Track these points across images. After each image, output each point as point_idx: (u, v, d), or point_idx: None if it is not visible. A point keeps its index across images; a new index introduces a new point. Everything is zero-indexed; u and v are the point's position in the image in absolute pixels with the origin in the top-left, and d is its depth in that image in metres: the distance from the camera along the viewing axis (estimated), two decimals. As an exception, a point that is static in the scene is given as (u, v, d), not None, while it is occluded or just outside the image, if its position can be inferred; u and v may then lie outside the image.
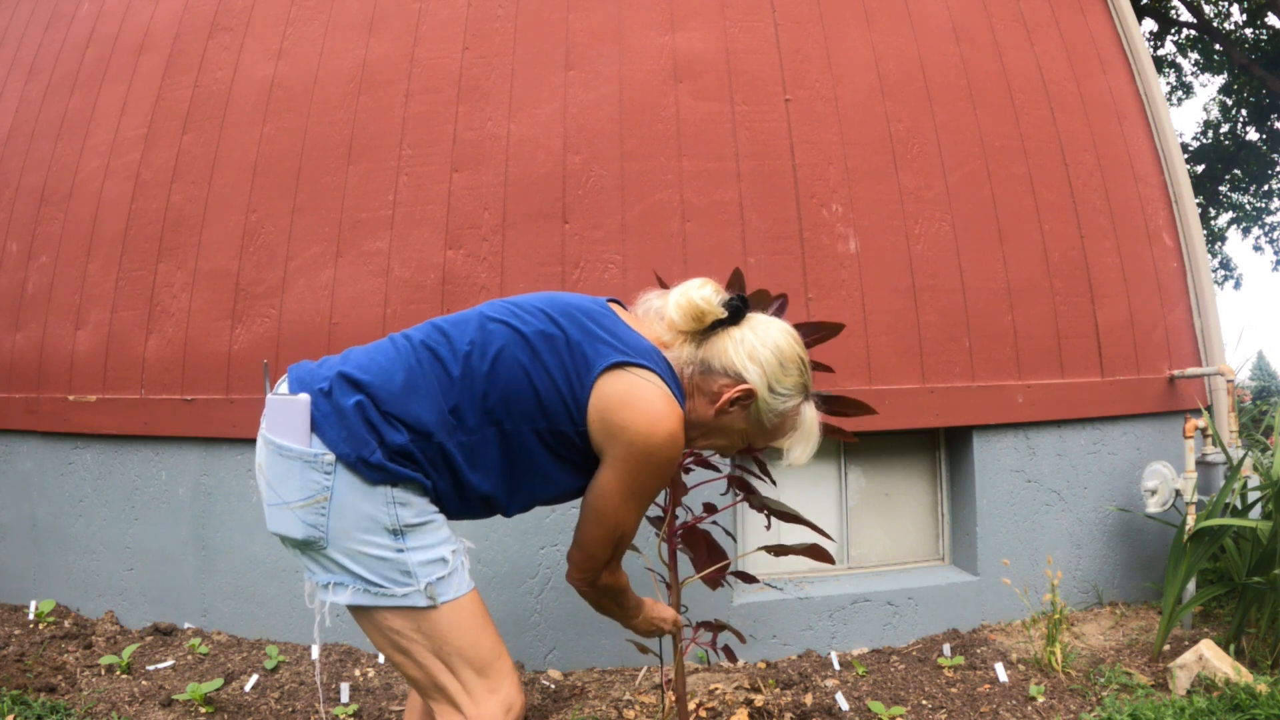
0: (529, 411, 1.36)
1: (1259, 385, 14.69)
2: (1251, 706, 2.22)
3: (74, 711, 2.37)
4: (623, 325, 1.43)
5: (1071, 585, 3.14)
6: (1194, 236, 3.57)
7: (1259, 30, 13.55)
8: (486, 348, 1.37)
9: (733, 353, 1.41)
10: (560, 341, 1.37)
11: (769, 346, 1.42)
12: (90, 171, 3.44)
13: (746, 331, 1.43)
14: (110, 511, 3.10)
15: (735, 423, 1.45)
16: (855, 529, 3.13)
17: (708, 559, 1.96)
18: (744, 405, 1.43)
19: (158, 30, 3.51)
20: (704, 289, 1.42)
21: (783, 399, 1.43)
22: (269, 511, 1.35)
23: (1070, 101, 3.44)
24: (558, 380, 1.36)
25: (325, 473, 1.30)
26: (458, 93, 3.06)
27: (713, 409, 1.43)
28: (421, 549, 1.32)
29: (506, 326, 1.39)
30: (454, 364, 1.36)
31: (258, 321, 3.01)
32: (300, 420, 1.31)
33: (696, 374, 1.43)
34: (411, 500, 1.33)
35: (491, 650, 1.37)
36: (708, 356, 1.42)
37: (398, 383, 1.34)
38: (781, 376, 1.42)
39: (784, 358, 1.43)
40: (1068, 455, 3.15)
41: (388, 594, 1.31)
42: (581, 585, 1.50)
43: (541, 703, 2.49)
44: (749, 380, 1.40)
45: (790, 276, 2.94)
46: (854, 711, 2.40)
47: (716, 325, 1.43)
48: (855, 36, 3.22)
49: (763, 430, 1.47)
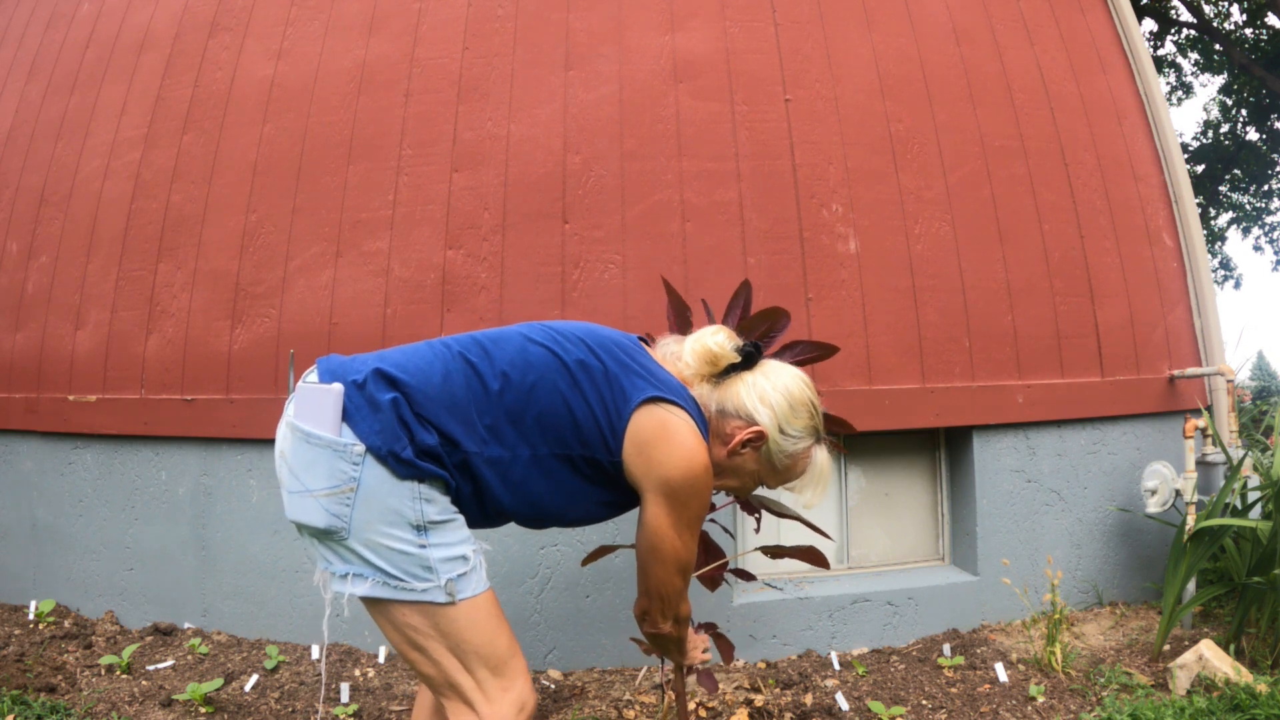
0: (565, 438, 1.40)
1: (1259, 385, 14.69)
2: (1251, 706, 2.22)
3: (74, 711, 2.37)
4: (654, 362, 1.49)
5: (1071, 585, 3.14)
6: (1194, 236, 3.57)
7: (1259, 30, 13.55)
8: (528, 370, 1.40)
9: (744, 396, 1.47)
10: (599, 372, 1.41)
11: (779, 390, 1.48)
12: (90, 171, 3.44)
13: (758, 376, 1.50)
14: (110, 511, 3.10)
15: (747, 464, 1.51)
16: (855, 529, 3.13)
17: (705, 559, 1.96)
18: (755, 447, 1.48)
19: (158, 30, 3.51)
20: (717, 335, 1.50)
21: (793, 440, 1.49)
22: (289, 499, 1.36)
23: (1070, 101, 3.44)
24: (595, 410, 1.39)
25: (354, 463, 1.30)
26: (458, 93, 3.06)
27: (725, 450, 1.49)
28: (443, 545, 1.34)
29: (548, 352, 1.42)
30: (493, 379, 1.39)
31: (258, 321, 3.01)
32: (332, 409, 1.32)
33: (712, 415, 1.49)
34: (436, 497, 1.34)
35: (507, 649, 1.40)
36: (721, 399, 1.48)
37: (435, 386, 1.36)
38: (792, 419, 1.48)
39: (794, 401, 1.48)
40: (1068, 455, 3.15)
41: (407, 588, 1.32)
42: (664, 627, 1.53)
43: (541, 703, 2.49)
44: (760, 422, 1.46)
45: (790, 276, 2.94)
46: (854, 711, 2.40)
47: (730, 369, 1.50)
48: (855, 36, 3.22)
49: (774, 471, 1.52)
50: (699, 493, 1.40)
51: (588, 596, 2.76)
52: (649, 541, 1.43)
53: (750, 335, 1.80)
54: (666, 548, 1.42)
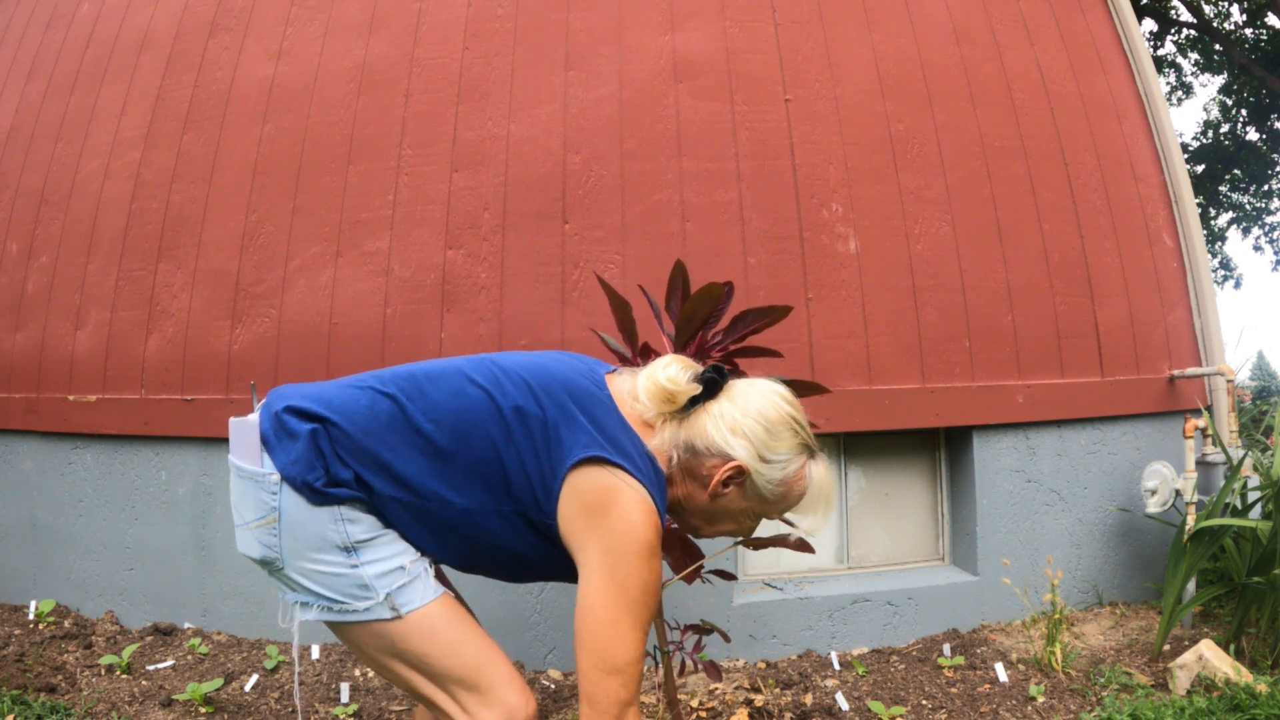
0: (496, 491, 1.28)
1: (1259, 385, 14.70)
2: (1251, 706, 2.22)
3: (74, 711, 2.37)
4: (610, 413, 1.31)
5: (1071, 585, 3.14)
6: (1194, 236, 3.57)
7: (1259, 30, 13.55)
8: (461, 415, 1.29)
9: (713, 430, 1.30)
10: (537, 421, 1.27)
11: (751, 415, 1.31)
12: (90, 171, 3.44)
13: (725, 404, 1.32)
14: (110, 511, 3.10)
15: (735, 503, 1.35)
16: (855, 529, 3.13)
17: (683, 559, 1.94)
18: (739, 483, 1.32)
19: (158, 30, 3.51)
20: (669, 368, 1.32)
21: (779, 466, 1.32)
22: (236, 534, 1.34)
23: (1070, 101, 3.44)
24: (528, 465, 1.27)
25: (272, 493, 1.27)
26: (458, 93, 3.06)
27: (707, 494, 1.32)
28: (376, 561, 1.27)
29: (485, 395, 1.30)
30: (424, 422, 1.29)
31: (258, 321, 3.01)
32: (252, 440, 1.29)
33: (683, 457, 1.32)
34: (359, 516, 1.28)
35: (476, 657, 1.30)
36: (690, 436, 1.31)
37: (358, 424, 1.29)
38: (772, 444, 1.31)
39: (770, 424, 1.31)
40: (1068, 455, 3.15)
41: (349, 609, 1.27)
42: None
43: (541, 703, 2.49)
44: (736, 457, 1.29)
45: (790, 276, 2.94)
46: (854, 711, 2.40)
47: (694, 402, 1.32)
48: (855, 36, 3.22)
49: (767, 503, 1.36)
50: (641, 573, 1.20)
51: (588, 596, 2.76)
52: (577, 628, 1.23)
53: (695, 320, 1.77)
54: (596, 636, 1.21)
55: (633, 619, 1.21)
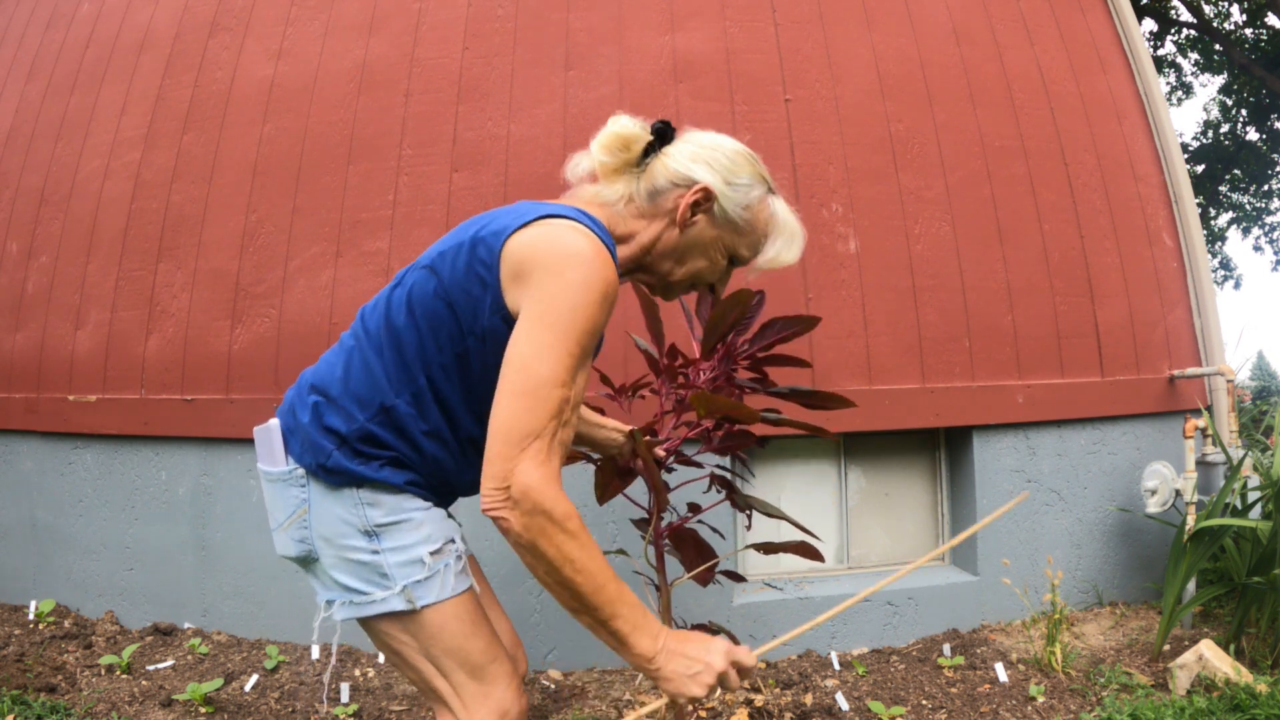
0: (452, 331, 1.25)
1: (1259, 385, 14.71)
2: (1251, 706, 2.22)
3: (74, 711, 2.37)
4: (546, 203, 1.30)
5: (1071, 585, 3.14)
6: (1194, 236, 3.57)
7: (1259, 30, 13.56)
8: (396, 296, 1.30)
9: (674, 164, 1.31)
10: (465, 246, 1.24)
11: (708, 145, 1.33)
12: (90, 171, 3.44)
13: (679, 144, 1.34)
14: (110, 511, 3.10)
15: (705, 232, 1.34)
16: (855, 529, 3.13)
17: (696, 559, 1.95)
18: (706, 210, 1.32)
19: (158, 30, 3.52)
20: (620, 119, 1.32)
21: (744, 189, 1.32)
22: (274, 538, 1.38)
23: (1070, 101, 3.44)
24: (462, 278, 1.22)
25: (300, 486, 1.30)
26: (458, 93, 3.06)
27: (676, 227, 1.32)
28: (397, 550, 1.28)
29: (409, 271, 1.32)
30: (378, 328, 1.31)
31: (258, 321, 3.01)
32: (276, 443, 1.33)
33: (645, 203, 1.32)
34: (380, 499, 1.28)
35: (483, 654, 1.32)
36: (651, 179, 1.32)
37: (339, 370, 1.32)
38: (733, 169, 1.32)
39: (728, 152, 1.33)
40: (1068, 455, 3.15)
41: (369, 600, 1.28)
42: (498, 505, 1.10)
43: (541, 703, 2.49)
44: (700, 179, 1.30)
45: (790, 276, 2.94)
46: (854, 711, 2.40)
47: (649, 152, 1.33)
48: (855, 36, 3.22)
49: (737, 230, 1.35)
50: (575, 293, 1.12)
51: (588, 596, 2.76)
52: (505, 363, 1.13)
53: (722, 325, 1.77)
54: (511, 361, 1.12)
55: (558, 335, 1.11)
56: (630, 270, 1.39)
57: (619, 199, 1.33)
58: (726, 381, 1.84)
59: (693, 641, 1.16)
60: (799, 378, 2.82)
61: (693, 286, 1.43)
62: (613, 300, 1.18)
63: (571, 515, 1.10)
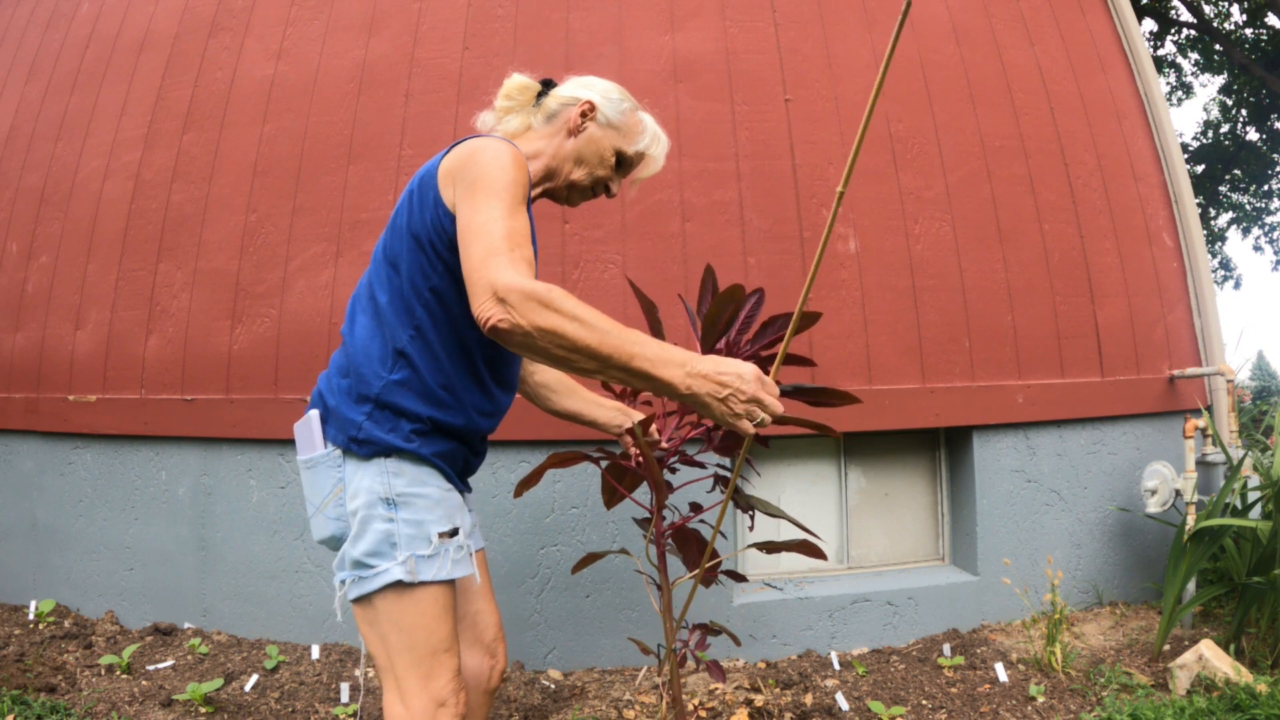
0: (428, 258, 1.40)
1: (1259, 385, 14.72)
2: (1251, 706, 2.22)
3: (74, 711, 2.37)
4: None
5: (1071, 585, 3.14)
6: (1194, 236, 3.57)
7: (1259, 30, 13.56)
8: (373, 262, 1.48)
9: (564, 90, 1.62)
10: (413, 192, 1.44)
11: (588, 78, 1.66)
12: (90, 171, 3.44)
13: (564, 84, 1.65)
14: (110, 511, 3.10)
15: (594, 134, 1.61)
16: (855, 529, 3.13)
17: (699, 558, 1.95)
18: (593, 117, 1.60)
19: (158, 30, 3.51)
20: (512, 76, 1.64)
21: (619, 102, 1.62)
22: (310, 524, 1.46)
23: (1070, 101, 3.44)
24: (418, 211, 1.41)
25: (337, 466, 1.40)
26: (458, 93, 3.06)
27: (572, 135, 1.60)
28: (410, 522, 1.37)
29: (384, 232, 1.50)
30: (368, 294, 1.47)
31: (258, 321, 3.01)
32: (315, 430, 1.43)
33: (543, 125, 1.61)
34: (405, 469, 1.39)
35: (442, 641, 1.38)
36: (547, 108, 1.61)
37: (351, 345, 1.44)
38: (607, 90, 1.63)
39: (603, 82, 1.65)
40: (1068, 455, 3.15)
41: (376, 573, 1.35)
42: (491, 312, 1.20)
43: (541, 703, 2.49)
44: (585, 96, 1.60)
45: (790, 276, 2.94)
46: (854, 711, 2.40)
47: (541, 95, 1.64)
48: (855, 36, 3.22)
49: (619, 131, 1.62)
50: (494, 159, 1.34)
51: (587, 596, 2.76)
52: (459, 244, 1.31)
53: (718, 323, 1.78)
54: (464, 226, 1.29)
55: (487, 194, 1.30)
56: (540, 182, 1.62)
57: (521, 128, 1.62)
58: None
59: (721, 363, 1.24)
60: (800, 376, 2.82)
61: (592, 189, 1.66)
62: (527, 175, 1.38)
63: (552, 288, 1.21)
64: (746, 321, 1.85)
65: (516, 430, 2.69)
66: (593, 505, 2.75)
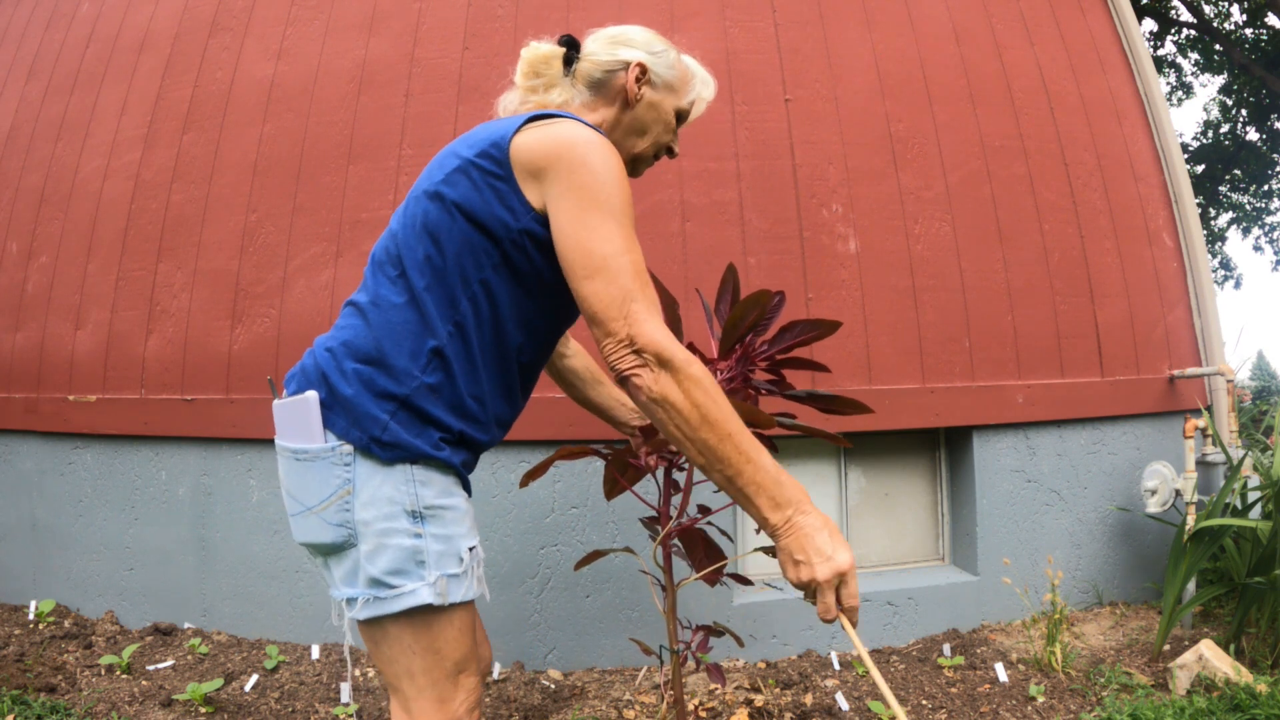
0: (485, 245, 1.25)
1: (1259, 385, 14.72)
2: (1251, 706, 2.22)
3: (74, 711, 2.37)
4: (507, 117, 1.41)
5: (1071, 585, 3.14)
6: (1194, 236, 3.57)
7: (1259, 30, 13.56)
8: (404, 236, 1.29)
9: (602, 56, 1.44)
10: (467, 164, 1.27)
11: (616, 33, 1.47)
12: (90, 171, 3.44)
13: (591, 43, 1.47)
14: (110, 511, 3.10)
15: (654, 100, 1.46)
16: (855, 529, 3.13)
17: (705, 559, 1.95)
18: (648, 81, 1.45)
19: (158, 30, 3.52)
20: (531, 44, 1.46)
21: (663, 55, 1.46)
22: (294, 522, 1.28)
23: (1070, 101, 3.45)
24: (477, 192, 1.25)
25: (345, 465, 1.22)
26: (458, 93, 3.06)
27: (630, 106, 1.45)
28: (440, 538, 1.23)
29: (409, 207, 1.31)
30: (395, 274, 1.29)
31: (258, 321, 3.01)
32: (314, 417, 1.24)
33: (590, 98, 1.44)
34: (433, 478, 1.23)
35: (463, 660, 1.27)
36: (588, 78, 1.44)
37: (373, 331, 1.27)
38: (647, 42, 1.46)
39: (634, 32, 1.47)
40: (1068, 455, 3.15)
41: (398, 594, 1.21)
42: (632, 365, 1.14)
43: (541, 703, 2.49)
44: (631, 58, 1.43)
45: (790, 276, 2.94)
46: (854, 711, 2.40)
47: (570, 61, 1.45)
48: (855, 36, 3.22)
49: (673, 89, 1.48)
50: (603, 166, 1.19)
51: (588, 596, 2.76)
52: (566, 253, 1.18)
53: (740, 326, 1.78)
54: (572, 250, 1.18)
55: (603, 214, 1.19)
56: None
57: (562, 104, 1.44)
58: (743, 383, 1.84)
59: (823, 536, 1.11)
60: (802, 378, 2.82)
61: (655, 156, 1.53)
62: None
63: (693, 361, 1.14)
64: (765, 323, 1.84)
65: (517, 430, 2.69)
66: (593, 505, 2.75)
